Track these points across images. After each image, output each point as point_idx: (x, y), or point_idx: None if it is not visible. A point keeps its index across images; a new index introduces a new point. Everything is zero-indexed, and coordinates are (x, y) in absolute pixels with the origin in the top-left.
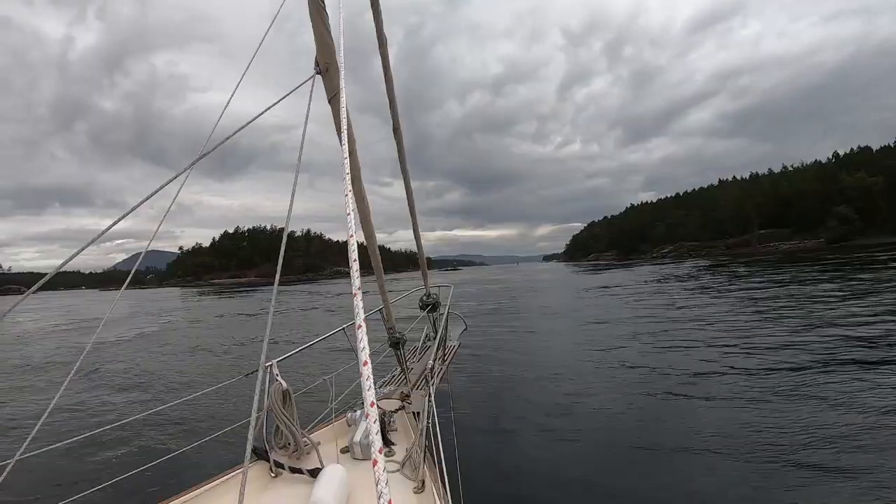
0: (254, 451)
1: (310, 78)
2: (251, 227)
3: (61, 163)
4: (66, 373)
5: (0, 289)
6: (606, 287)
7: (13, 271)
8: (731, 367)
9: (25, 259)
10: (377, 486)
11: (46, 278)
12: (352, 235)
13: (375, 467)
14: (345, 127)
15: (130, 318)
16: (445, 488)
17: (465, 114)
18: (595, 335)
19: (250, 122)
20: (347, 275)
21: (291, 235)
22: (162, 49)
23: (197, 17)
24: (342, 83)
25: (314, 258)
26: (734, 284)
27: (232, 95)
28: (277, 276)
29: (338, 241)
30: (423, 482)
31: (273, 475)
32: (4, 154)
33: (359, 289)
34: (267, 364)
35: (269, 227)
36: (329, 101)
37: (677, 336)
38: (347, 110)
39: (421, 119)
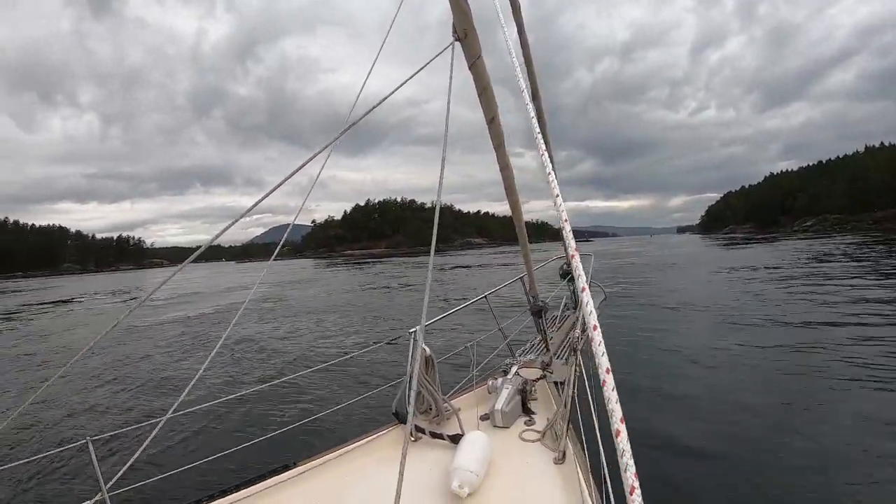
0: (395, 414)
1: (448, 45)
2: (381, 199)
3: (201, 147)
4: (216, 339)
5: (143, 263)
6: (753, 267)
7: (156, 246)
8: None
9: (170, 235)
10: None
11: (200, 251)
12: (558, 196)
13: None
14: (527, 91)
15: (268, 287)
16: (587, 461)
17: (595, 81)
18: (751, 329)
19: (391, 93)
20: (479, 246)
21: (421, 207)
22: (291, 34)
23: (322, 0)
24: (510, 43)
25: (445, 229)
26: None
27: (369, 73)
28: (433, 248)
29: (468, 211)
30: (564, 453)
31: (413, 439)
32: (149, 142)
33: (576, 250)
34: (411, 330)
35: (399, 199)
36: (469, 68)
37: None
38: (516, 68)
39: (550, 89)
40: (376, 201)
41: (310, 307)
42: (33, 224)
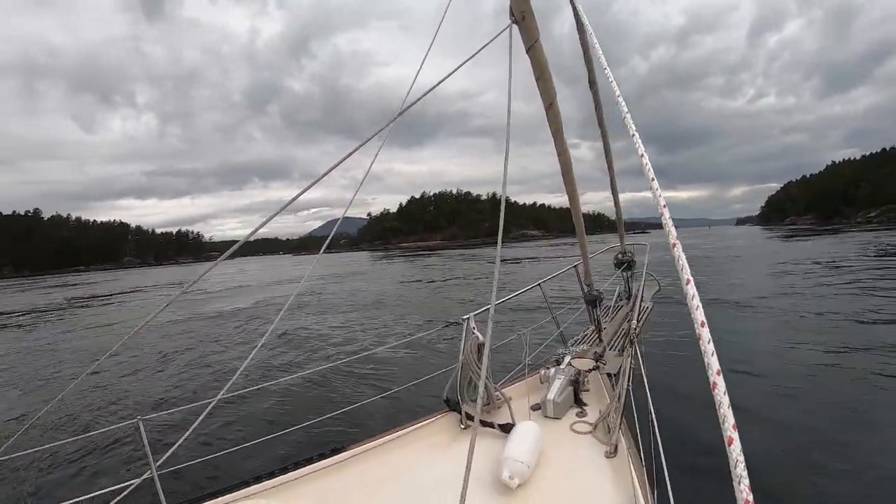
0: (446, 401)
1: (506, 28)
2: (437, 191)
3: (258, 142)
4: (265, 327)
5: (202, 256)
6: (819, 262)
7: (216, 240)
8: None
9: (229, 229)
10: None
11: (236, 246)
12: (653, 180)
13: None
14: (604, 69)
15: (319, 280)
16: (640, 456)
17: (650, 69)
18: (824, 332)
19: (446, 77)
20: (535, 238)
21: (476, 199)
22: (343, 29)
23: None
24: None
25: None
26: None
27: (422, 63)
28: (500, 237)
29: (524, 203)
30: (616, 447)
31: (462, 427)
32: (208, 139)
33: (676, 238)
34: (464, 317)
35: (454, 192)
36: (527, 51)
37: None
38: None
39: (605, 76)
40: (431, 194)
41: (360, 299)
42: (95, 220)
